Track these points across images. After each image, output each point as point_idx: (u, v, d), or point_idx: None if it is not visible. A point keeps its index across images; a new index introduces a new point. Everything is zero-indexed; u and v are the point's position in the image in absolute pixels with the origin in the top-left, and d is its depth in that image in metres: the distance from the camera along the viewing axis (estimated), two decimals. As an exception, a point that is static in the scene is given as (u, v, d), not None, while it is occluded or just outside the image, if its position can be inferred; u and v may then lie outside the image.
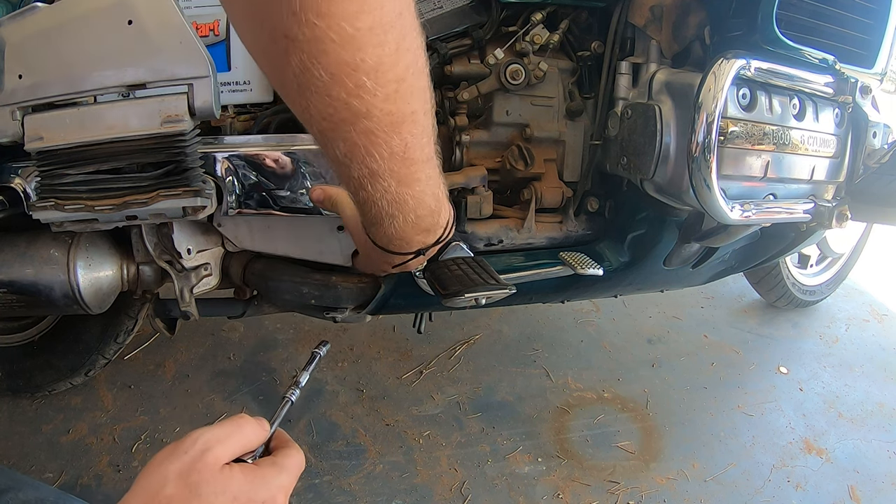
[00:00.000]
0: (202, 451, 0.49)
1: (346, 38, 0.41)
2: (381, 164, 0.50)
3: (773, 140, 1.02)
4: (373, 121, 0.46)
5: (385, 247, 0.63)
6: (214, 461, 0.49)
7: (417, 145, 0.50)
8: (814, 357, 1.97)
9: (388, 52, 0.43)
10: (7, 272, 0.98)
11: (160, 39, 0.80)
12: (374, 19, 0.41)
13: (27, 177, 0.92)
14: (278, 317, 1.85)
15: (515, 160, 1.14)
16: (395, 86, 0.45)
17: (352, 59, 0.42)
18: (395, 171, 0.51)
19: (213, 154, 0.91)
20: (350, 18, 0.40)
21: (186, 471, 0.48)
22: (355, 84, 0.43)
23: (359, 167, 0.50)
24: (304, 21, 0.39)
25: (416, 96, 0.47)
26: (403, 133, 0.48)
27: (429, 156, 0.53)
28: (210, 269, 1.04)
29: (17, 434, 1.39)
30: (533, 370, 1.76)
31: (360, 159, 0.49)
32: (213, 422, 0.53)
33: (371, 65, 0.43)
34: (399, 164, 0.50)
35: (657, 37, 1.07)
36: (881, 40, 1.18)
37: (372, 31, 0.41)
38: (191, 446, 0.50)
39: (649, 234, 1.17)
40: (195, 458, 0.49)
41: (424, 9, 1.06)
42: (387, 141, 0.48)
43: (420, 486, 1.35)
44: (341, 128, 0.46)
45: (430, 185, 0.56)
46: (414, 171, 0.52)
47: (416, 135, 0.49)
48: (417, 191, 0.54)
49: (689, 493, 1.39)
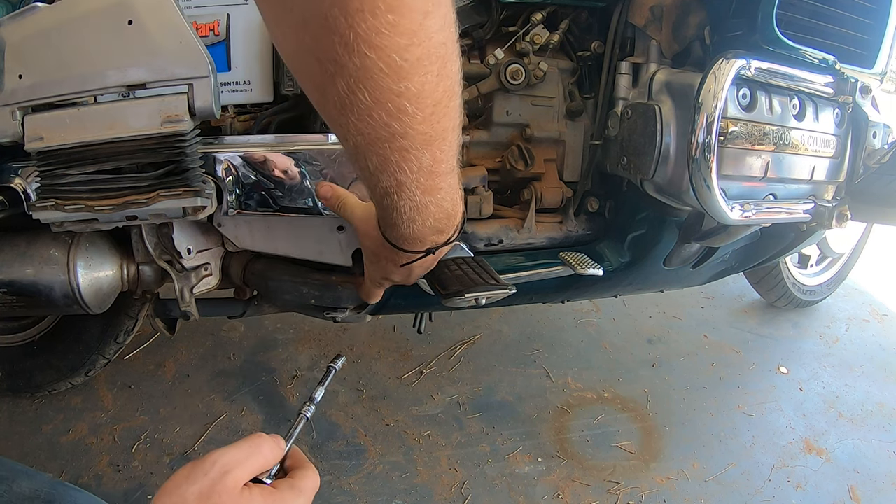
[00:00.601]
0: (222, 474, 0.49)
1: (394, 69, 0.42)
2: (410, 176, 0.52)
3: (773, 140, 1.02)
4: (408, 139, 0.48)
5: (398, 244, 0.65)
6: (234, 484, 0.50)
7: (444, 159, 0.53)
8: (814, 357, 1.97)
9: (430, 80, 0.45)
10: (7, 272, 0.98)
11: (160, 39, 0.80)
12: (422, 51, 0.43)
13: (27, 177, 0.92)
14: (278, 317, 1.85)
15: (515, 160, 1.14)
16: (432, 108, 0.47)
17: (396, 87, 0.44)
18: (421, 182, 0.53)
19: (213, 154, 0.91)
20: (400, 51, 0.41)
21: (207, 493, 0.49)
22: (397, 108, 0.45)
23: (388, 178, 0.52)
24: (356, 52, 0.40)
25: (448, 116, 0.49)
26: (434, 149, 0.51)
27: (452, 167, 0.55)
28: (210, 269, 1.04)
29: (17, 434, 1.39)
30: (533, 370, 1.76)
31: (390, 172, 0.51)
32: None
33: (414, 91, 0.45)
34: (426, 176, 0.53)
35: (657, 37, 1.07)
36: (881, 40, 1.18)
37: (419, 62, 0.43)
38: (210, 468, 0.50)
39: (649, 234, 1.17)
40: (215, 481, 0.49)
41: (424, 9, 1.06)
42: (418, 157, 0.50)
43: (420, 486, 1.35)
44: (377, 144, 0.48)
45: (451, 192, 0.58)
46: (439, 182, 0.55)
47: (444, 150, 0.52)
48: (439, 198, 0.57)
49: (689, 493, 1.39)
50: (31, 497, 0.54)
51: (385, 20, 0.39)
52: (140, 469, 1.33)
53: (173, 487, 0.49)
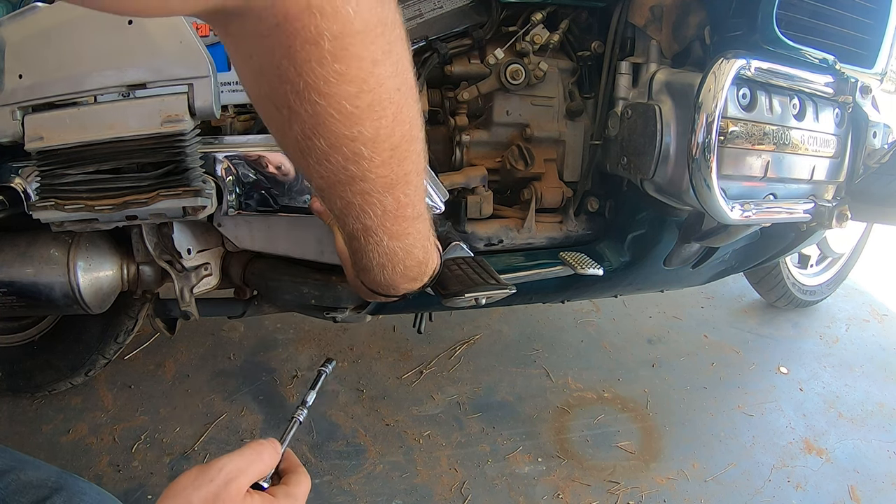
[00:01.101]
0: (227, 482, 0.52)
1: (345, 115, 0.43)
2: (375, 220, 0.53)
3: (774, 140, 1.02)
4: (368, 183, 0.49)
5: (373, 289, 0.66)
6: (237, 491, 0.52)
7: (409, 203, 0.53)
8: (814, 357, 1.97)
9: (385, 125, 0.45)
10: (7, 272, 0.98)
11: (160, 39, 0.80)
12: (373, 98, 0.43)
13: (27, 177, 0.92)
14: (278, 317, 1.85)
15: (515, 160, 1.14)
16: (390, 153, 0.48)
17: (350, 132, 0.44)
18: (387, 227, 0.54)
19: (213, 154, 0.91)
20: (350, 98, 0.42)
21: (212, 499, 0.51)
22: (352, 152, 0.46)
23: (353, 222, 0.53)
24: (307, 99, 0.41)
25: (409, 160, 0.50)
26: (397, 193, 0.51)
27: (420, 212, 0.56)
28: (210, 269, 1.04)
29: (17, 434, 1.39)
30: (533, 370, 1.76)
31: (355, 215, 0.52)
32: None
33: (369, 136, 0.45)
34: (392, 221, 0.53)
35: (657, 37, 1.07)
36: (881, 40, 1.18)
37: (371, 108, 0.44)
38: (216, 475, 0.52)
39: (649, 234, 1.17)
40: (220, 488, 0.52)
41: (424, 9, 1.06)
42: (380, 200, 0.51)
43: (420, 486, 1.35)
44: (338, 188, 0.49)
45: (420, 238, 0.59)
46: (405, 227, 0.55)
47: (408, 194, 0.52)
48: (407, 244, 0.58)
49: (689, 493, 1.39)
50: (39, 485, 0.55)
51: (332, 69, 0.40)
52: (140, 469, 1.33)
53: (179, 490, 0.52)
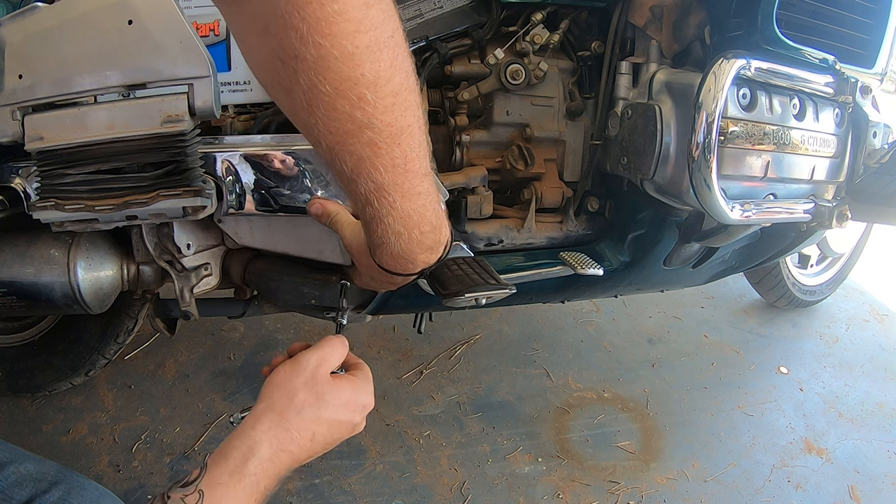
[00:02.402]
0: (317, 366, 0.68)
1: (347, 55, 0.47)
2: (385, 176, 0.55)
3: (774, 140, 1.02)
4: (374, 131, 0.52)
5: (390, 269, 0.67)
6: (325, 374, 0.68)
7: (416, 157, 0.56)
8: (814, 357, 1.97)
9: (383, 68, 0.50)
10: (7, 272, 0.98)
11: (160, 39, 0.80)
12: (370, 38, 0.48)
13: (27, 177, 0.92)
14: (278, 317, 1.85)
15: (516, 160, 1.14)
16: (391, 99, 0.51)
17: (353, 74, 0.48)
18: (398, 183, 0.56)
19: (214, 154, 0.91)
20: (350, 37, 0.47)
21: (311, 382, 0.67)
22: (357, 97, 0.49)
23: (365, 182, 0.55)
24: (311, 42, 0.46)
25: (410, 111, 0.53)
26: (403, 145, 0.54)
27: (426, 170, 0.59)
28: (210, 268, 1.04)
29: (17, 434, 1.39)
30: (533, 370, 1.76)
31: (366, 173, 0.55)
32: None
33: (370, 79, 0.49)
34: (401, 175, 0.56)
35: (657, 37, 1.07)
36: (881, 40, 1.18)
37: (369, 49, 0.48)
38: (307, 364, 0.68)
39: (649, 234, 1.17)
40: (314, 372, 0.67)
41: (424, 9, 1.06)
42: (389, 152, 0.53)
43: (420, 486, 1.35)
44: (347, 140, 0.52)
45: (431, 200, 0.61)
46: (415, 183, 0.57)
47: (413, 147, 0.55)
48: (419, 205, 0.59)
49: (689, 493, 1.40)
50: (38, 479, 0.56)
51: (331, 9, 0.45)
52: (140, 469, 1.33)
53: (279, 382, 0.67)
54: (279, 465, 0.64)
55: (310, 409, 0.66)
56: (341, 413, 0.68)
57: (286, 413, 0.65)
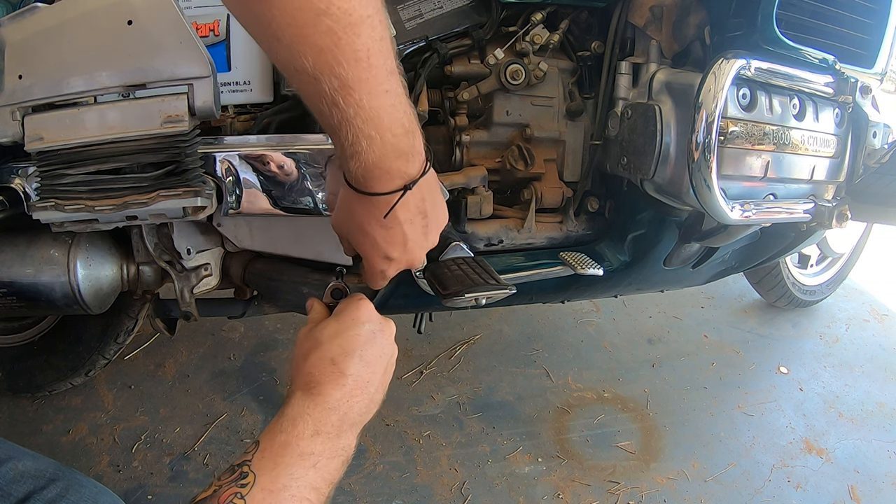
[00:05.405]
0: (310, 329, 0.72)
1: None
2: (349, 70, 0.53)
3: (774, 140, 1.02)
4: (332, 19, 0.50)
5: (367, 188, 0.62)
6: (313, 325, 0.72)
7: (378, 51, 0.54)
8: (814, 357, 1.97)
9: None
10: (7, 272, 0.98)
11: (160, 39, 0.80)
12: None
13: (27, 177, 0.92)
14: (278, 317, 1.85)
15: (515, 160, 1.14)
16: None
17: None
18: (363, 79, 0.54)
19: (213, 154, 0.91)
20: None
21: (303, 336, 0.71)
22: None
23: (328, 79, 0.53)
24: None
25: (369, 1, 0.52)
26: (363, 36, 0.52)
27: (392, 67, 0.56)
28: (210, 269, 1.04)
29: (17, 434, 1.39)
30: (533, 370, 1.76)
31: (328, 68, 0.53)
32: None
33: None
34: (365, 70, 0.54)
35: (657, 37, 1.07)
36: (881, 40, 1.18)
37: None
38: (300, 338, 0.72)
39: (649, 234, 1.17)
40: (306, 332, 0.72)
41: (424, 9, 1.06)
42: (350, 43, 0.52)
43: (420, 486, 1.35)
44: (306, 32, 0.51)
45: (400, 99, 0.58)
46: (381, 80, 0.55)
47: (375, 39, 0.53)
48: (388, 104, 0.57)
49: (689, 493, 1.40)
50: (36, 475, 0.56)
51: None
52: (140, 469, 1.33)
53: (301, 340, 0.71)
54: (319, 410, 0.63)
55: (314, 351, 0.67)
56: (343, 330, 0.69)
57: (299, 368, 0.67)
